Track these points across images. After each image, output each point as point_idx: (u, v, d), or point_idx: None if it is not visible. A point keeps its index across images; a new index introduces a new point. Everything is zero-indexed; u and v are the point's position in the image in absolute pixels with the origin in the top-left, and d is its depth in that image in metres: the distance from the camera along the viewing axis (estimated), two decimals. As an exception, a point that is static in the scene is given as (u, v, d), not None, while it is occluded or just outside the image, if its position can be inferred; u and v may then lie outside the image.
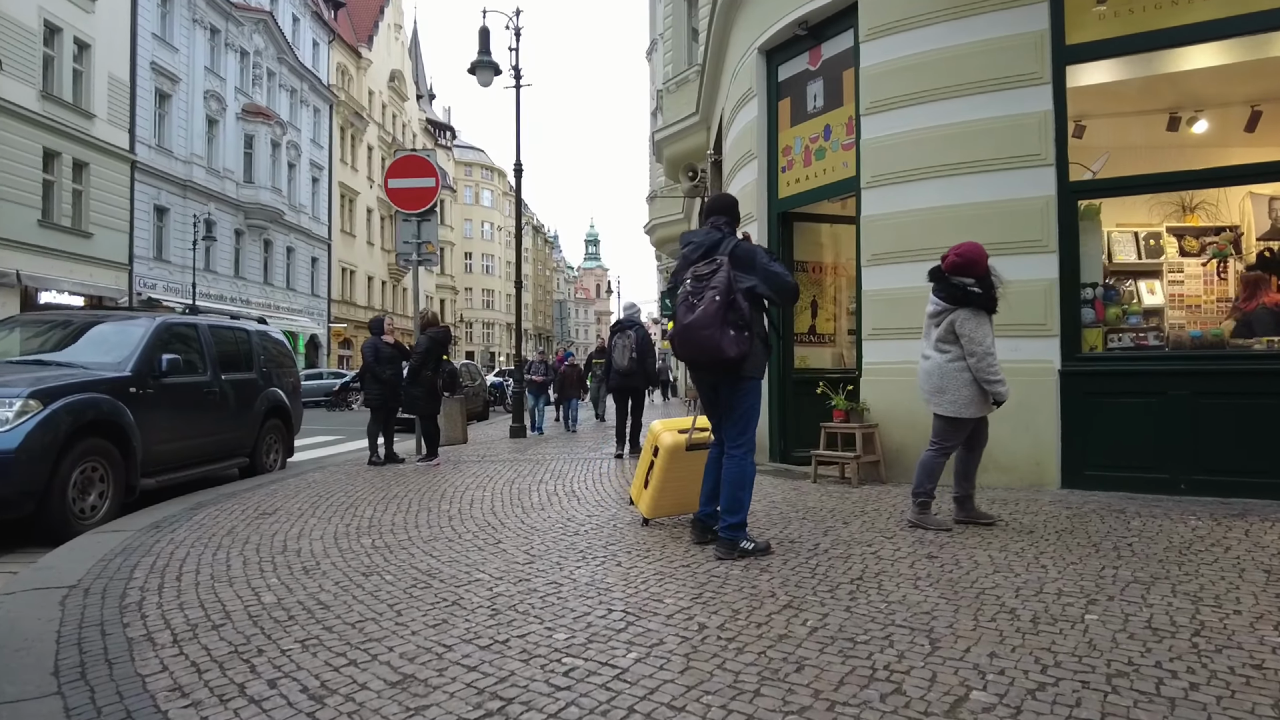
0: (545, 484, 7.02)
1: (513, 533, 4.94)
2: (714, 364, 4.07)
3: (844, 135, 7.41)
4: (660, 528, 5.00)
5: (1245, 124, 7.60)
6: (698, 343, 4.00)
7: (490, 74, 12.94)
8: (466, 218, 65.82)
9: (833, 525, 4.96)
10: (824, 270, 8.58)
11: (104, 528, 5.42)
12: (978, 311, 4.80)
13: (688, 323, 3.99)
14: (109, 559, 4.42)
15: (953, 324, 4.83)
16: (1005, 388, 4.81)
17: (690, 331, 4.00)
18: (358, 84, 43.73)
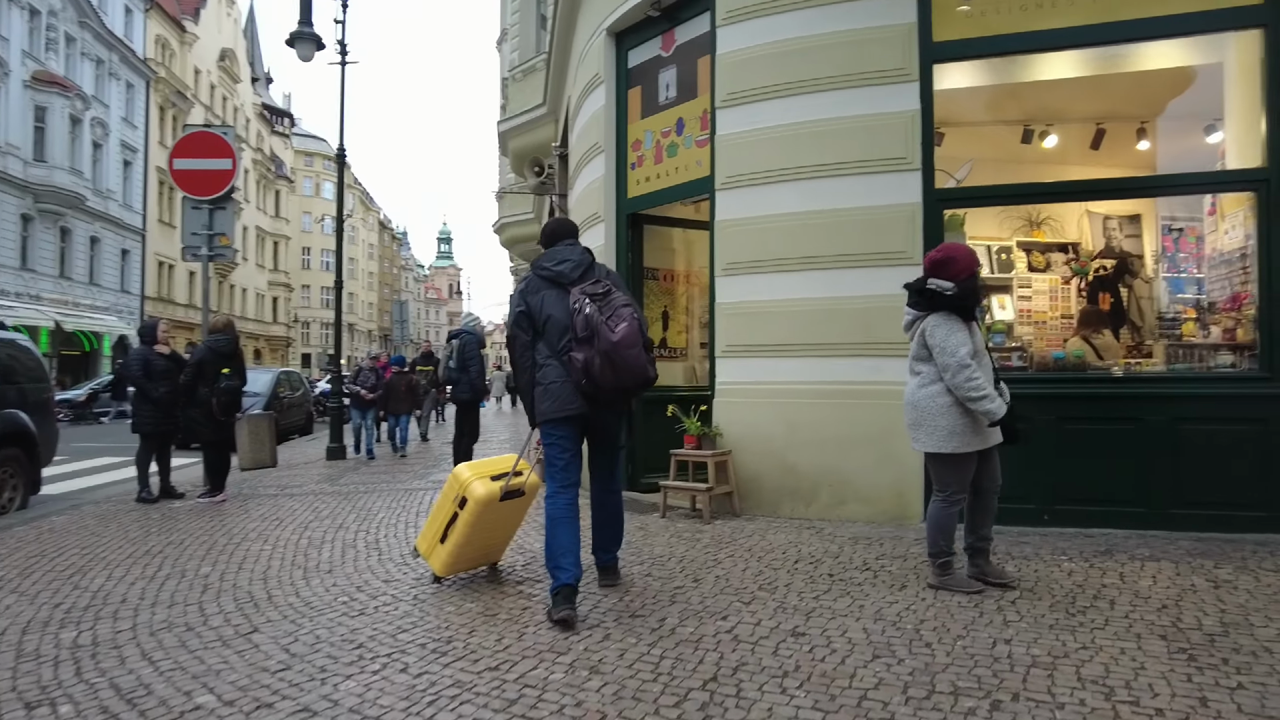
0: (345, 530, 5.85)
1: (278, 614, 3.81)
2: (639, 385, 3.81)
3: (698, 130, 6.70)
4: (467, 597, 4.02)
5: (1091, 141, 7.56)
6: (628, 364, 3.68)
7: (311, 47, 11.45)
8: (305, 210, 61.39)
9: (683, 585, 4.15)
10: (676, 279, 7.87)
11: None
12: (949, 316, 3.98)
13: (617, 341, 3.63)
14: None
15: (923, 334, 4.06)
16: (994, 404, 3.86)
17: (620, 351, 3.64)
18: (181, 60, 39.63)
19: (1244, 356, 5.47)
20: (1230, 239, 6.04)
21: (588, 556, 4.12)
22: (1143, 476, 5.29)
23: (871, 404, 5.72)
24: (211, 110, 42.84)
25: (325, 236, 64.14)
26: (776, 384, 6.00)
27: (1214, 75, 6.36)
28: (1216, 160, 6.49)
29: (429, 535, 4.29)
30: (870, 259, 5.80)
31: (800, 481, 5.87)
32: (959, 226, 6.30)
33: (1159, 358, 6.14)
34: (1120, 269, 7.57)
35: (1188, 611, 3.59)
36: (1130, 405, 5.40)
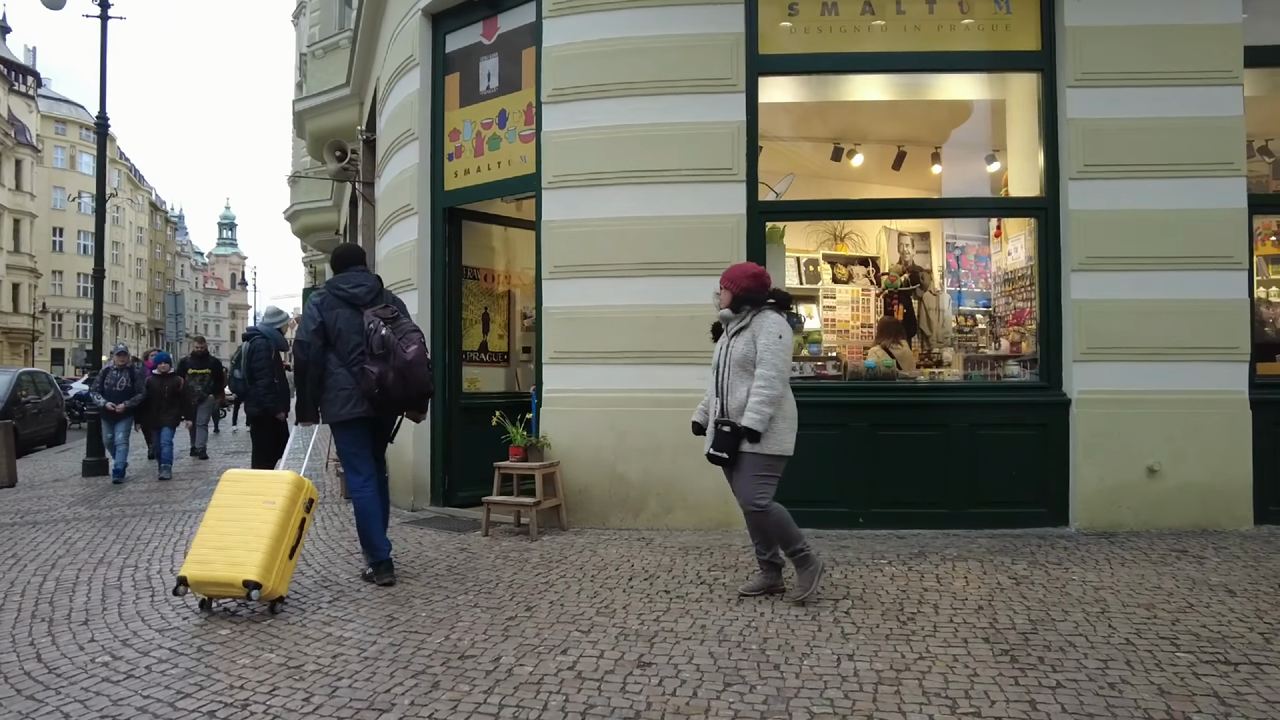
0: (107, 565, 4.96)
1: (9, 685, 3.07)
2: (422, 397, 4.57)
3: (523, 124, 6.38)
4: (264, 644, 3.48)
5: (893, 162, 8.07)
6: (417, 379, 4.39)
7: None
8: (56, 184, 53.49)
9: (515, 615, 3.83)
10: (496, 279, 7.49)
11: None
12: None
13: (410, 361, 4.31)
14: None
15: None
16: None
17: (411, 369, 4.33)
18: (-118, -5, 33.10)
19: (1028, 367, 6.01)
20: (1013, 259, 6.63)
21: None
22: (944, 479, 5.65)
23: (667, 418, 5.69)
24: (-72, 60, 36.23)
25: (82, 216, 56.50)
26: (606, 392, 5.83)
27: (998, 110, 6.97)
28: (998, 187, 7.12)
29: (274, 557, 3.81)
30: (697, 267, 5.75)
31: (629, 491, 5.73)
32: (779, 239, 6.46)
33: (957, 367, 6.62)
34: (913, 282, 8.17)
35: (1000, 611, 3.80)
36: (935, 412, 5.76)
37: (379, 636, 3.55)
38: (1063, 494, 5.65)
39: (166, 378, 9.57)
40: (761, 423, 3.81)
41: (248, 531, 3.89)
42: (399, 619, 3.80)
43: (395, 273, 7.22)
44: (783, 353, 3.88)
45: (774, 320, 3.95)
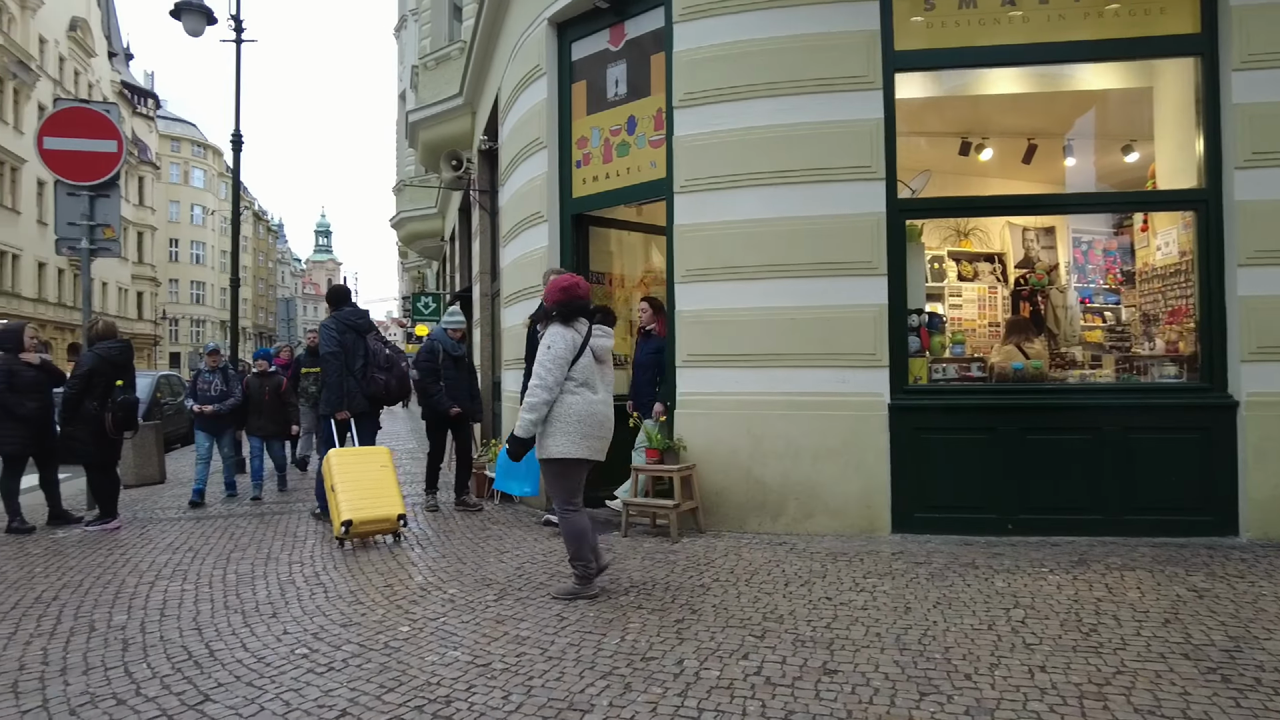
0: (276, 561, 5.23)
1: (229, 675, 3.27)
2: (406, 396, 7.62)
3: (652, 130, 6.43)
4: (447, 642, 3.60)
5: (1023, 155, 7.78)
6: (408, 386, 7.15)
7: (201, 21, 10.44)
8: (173, 199, 56.90)
9: (683, 618, 3.85)
10: (618, 283, 7.57)
11: None
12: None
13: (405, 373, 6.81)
14: None
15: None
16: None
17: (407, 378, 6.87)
18: (22, 26, 35.82)
19: (1186, 368, 5.70)
20: (1164, 255, 6.30)
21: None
22: (1098, 484, 5.42)
23: (838, 415, 5.63)
24: (62, 85, 39.01)
25: (195, 228, 60.01)
26: (741, 395, 5.81)
27: (1140, 99, 6.63)
28: (1139, 178, 6.79)
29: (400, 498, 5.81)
30: (834, 268, 5.70)
31: (767, 495, 5.70)
32: (918, 237, 6.30)
33: (1108, 369, 6.34)
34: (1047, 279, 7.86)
35: (1191, 626, 3.62)
36: (1086, 415, 5.52)
37: (555, 636, 3.63)
38: (1230, 501, 5.33)
39: (266, 377, 8.18)
40: (523, 429, 4.15)
41: (378, 486, 5.73)
42: (569, 618, 3.88)
43: (523, 279, 7.38)
44: (549, 363, 4.12)
45: (550, 333, 4.21)
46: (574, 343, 4.19)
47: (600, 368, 4.31)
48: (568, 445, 4.13)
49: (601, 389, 4.29)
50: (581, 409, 4.17)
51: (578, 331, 4.23)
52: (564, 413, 4.15)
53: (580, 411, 4.16)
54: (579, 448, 4.14)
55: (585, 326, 4.27)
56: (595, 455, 4.24)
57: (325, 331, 6.53)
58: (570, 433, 4.14)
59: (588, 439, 4.17)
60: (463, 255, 13.81)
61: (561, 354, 4.15)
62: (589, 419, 4.17)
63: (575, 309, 4.25)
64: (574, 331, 4.22)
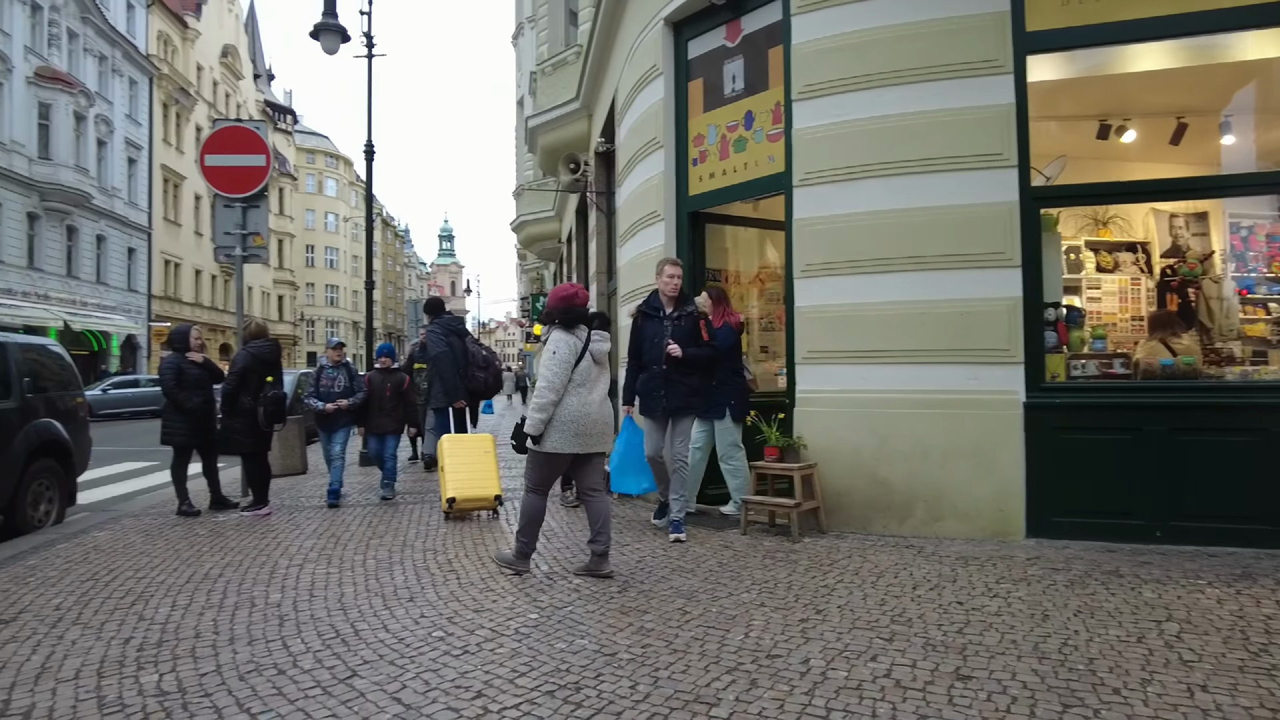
0: (411, 549, 5.51)
1: (372, 653, 3.48)
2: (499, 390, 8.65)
3: (770, 124, 6.37)
4: (574, 631, 3.69)
5: (1171, 136, 7.23)
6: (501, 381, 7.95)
7: (337, 40, 11.10)
8: (308, 208, 60.89)
9: (807, 618, 3.81)
10: (735, 279, 7.54)
11: None
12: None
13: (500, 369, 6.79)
14: None
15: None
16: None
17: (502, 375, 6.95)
18: (184, 57, 39.19)
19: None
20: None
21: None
22: (1264, 491, 4.97)
23: (969, 413, 5.41)
24: (215, 107, 42.42)
25: (329, 234, 63.76)
26: (864, 392, 5.68)
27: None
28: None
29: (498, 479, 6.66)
30: (964, 260, 5.48)
31: (893, 496, 5.55)
32: (1053, 226, 5.98)
33: (1276, 364, 5.82)
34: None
35: (1381, 649, 3.28)
36: (1249, 415, 5.08)
37: (679, 629, 3.66)
38: None
39: (388, 373, 7.84)
40: (534, 426, 4.51)
41: (480, 468, 6.58)
42: (692, 613, 3.90)
43: (640, 278, 7.47)
44: (555, 366, 4.48)
45: (554, 338, 4.58)
46: (575, 348, 4.56)
47: (599, 370, 4.68)
48: (560, 442, 4.52)
49: (597, 390, 4.65)
50: (576, 409, 4.53)
51: (578, 337, 4.59)
52: (560, 413, 4.52)
53: (575, 412, 4.53)
54: (570, 444, 4.53)
55: (585, 333, 4.64)
56: (584, 450, 4.60)
57: (433, 335, 7.69)
58: (564, 431, 4.51)
59: (579, 436, 4.54)
60: (579, 256, 14.10)
61: (565, 358, 4.53)
62: (582, 419, 4.54)
63: (576, 316, 4.63)
64: (575, 337, 4.58)
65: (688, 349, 5.51)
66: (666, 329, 5.59)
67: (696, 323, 5.63)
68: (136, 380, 26.35)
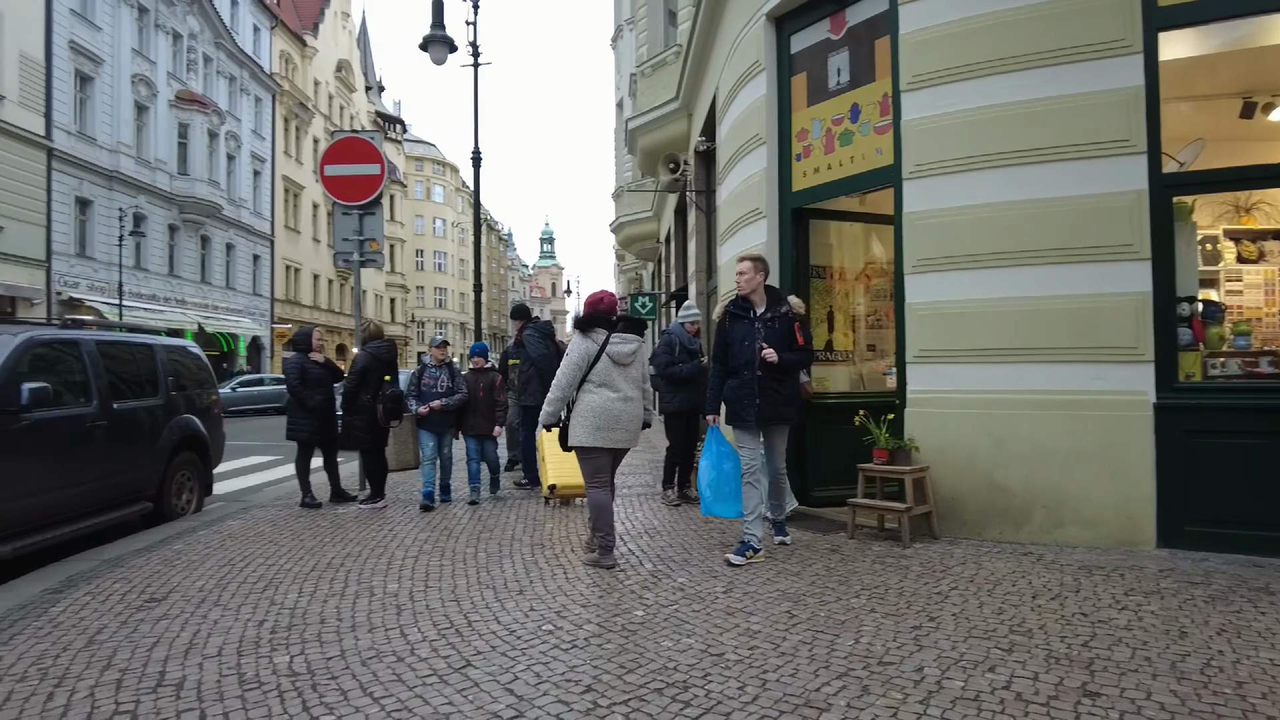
0: (519, 543, 5.66)
1: (485, 644, 3.59)
2: None
3: (877, 116, 6.20)
4: (680, 630, 3.70)
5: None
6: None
7: (444, 50, 11.50)
8: (418, 214, 63.45)
9: (920, 625, 3.70)
10: (839, 275, 7.37)
11: (-86, 633, 3.93)
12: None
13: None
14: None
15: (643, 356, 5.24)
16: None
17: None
18: (302, 73, 41.51)
19: None
20: None
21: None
22: None
23: (1093, 415, 5.12)
24: (330, 119, 44.70)
25: (437, 239, 66.17)
26: (979, 393, 5.46)
27: None
28: None
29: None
30: (1088, 253, 5.19)
31: (1010, 501, 5.31)
32: (1187, 215, 5.59)
33: None
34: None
35: None
36: None
37: (787, 632, 3.62)
38: None
39: (481, 373, 7.58)
40: (545, 418, 5.07)
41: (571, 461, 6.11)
42: (799, 616, 3.85)
43: (742, 275, 7.41)
44: (565, 368, 4.94)
45: (572, 343, 5.03)
46: (588, 351, 4.92)
47: (622, 370, 4.96)
48: (584, 436, 4.88)
49: (623, 388, 4.94)
50: (597, 405, 4.87)
51: (594, 341, 4.95)
52: (582, 409, 4.89)
53: (596, 408, 4.86)
54: (594, 438, 4.86)
55: (602, 336, 4.95)
56: (611, 444, 4.91)
57: (532, 338, 7.97)
58: (587, 425, 4.86)
59: (602, 431, 4.86)
60: (678, 255, 14.13)
61: (575, 360, 4.91)
62: (604, 414, 4.86)
63: (594, 321, 5.00)
64: (590, 341, 4.95)
65: (784, 354, 5.02)
66: (758, 331, 5.08)
67: (792, 325, 5.14)
68: (261, 379, 28.08)
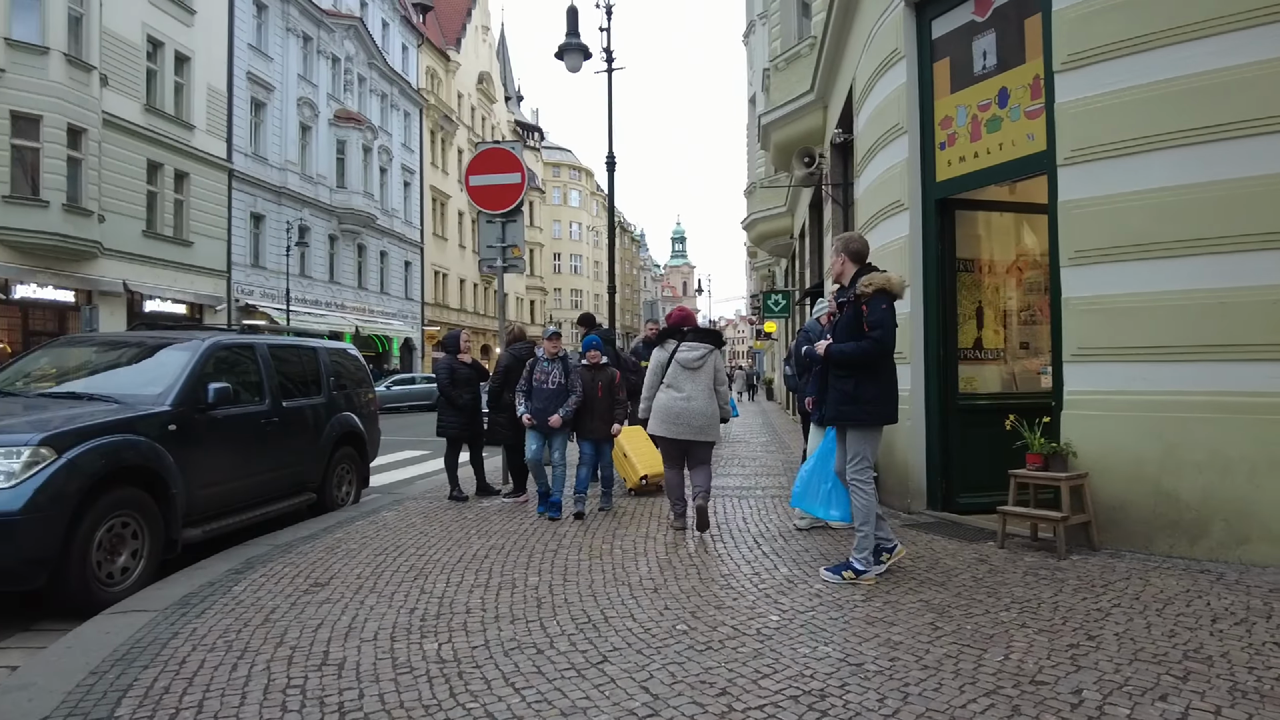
0: (654, 540, 5.71)
1: (621, 640, 3.65)
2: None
3: (1028, 100, 5.82)
4: (816, 637, 3.61)
5: None
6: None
7: (579, 58, 11.77)
8: (555, 218, 65.45)
9: (1077, 643, 3.44)
10: (988, 269, 6.98)
11: (125, 605, 4.43)
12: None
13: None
14: (102, 671, 3.37)
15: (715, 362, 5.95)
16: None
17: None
18: (447, 87, 43.69)
19: None
20: None
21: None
22: None
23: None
24: (472, 130, 46.80)
25: (573, 242, 68.00)
26: (1148, 394, 5.01)
27: None
28: None
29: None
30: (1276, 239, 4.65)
31: (1183, 513, 4.85)
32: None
33: None
34: None
35: None
36: None
37: (930, 645, 3.47)
38: None
39: (598, 370, 6.88)
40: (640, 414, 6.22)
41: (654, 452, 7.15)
42: (944, 629, 3.68)
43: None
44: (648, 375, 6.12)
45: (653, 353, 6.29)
46: (659, 360, 5.98)
47: (688, 373, 5.83)
48: (654, 426, 5.93)
49: (686, 389, 5.81)
50: (664, 402, 5.87)
51: (665, 349, 5.99)
52: (654, 405, 5.93)
53: (663, 404, 5.87)
54: (659, 429, 5.89)
55: (674, 345, 5.95)
56: (672, 435, 5.82)
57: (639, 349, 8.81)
58: (657, 418, 5.90)
59: (665, 423, 5.83)
60: (813, 251, 13.84)
61: (653, 367, 6.04)
62: (667, 409, 5.83)
63: (667, 334, 6.08)
64: (663, 350, 6.01)
65: (833, 346, 4.62)
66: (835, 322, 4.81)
67: (859, 309, 4.50)
68: (413, 378, 29.83)
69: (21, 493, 4.35)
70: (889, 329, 4.42)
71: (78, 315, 19.55)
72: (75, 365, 6.35)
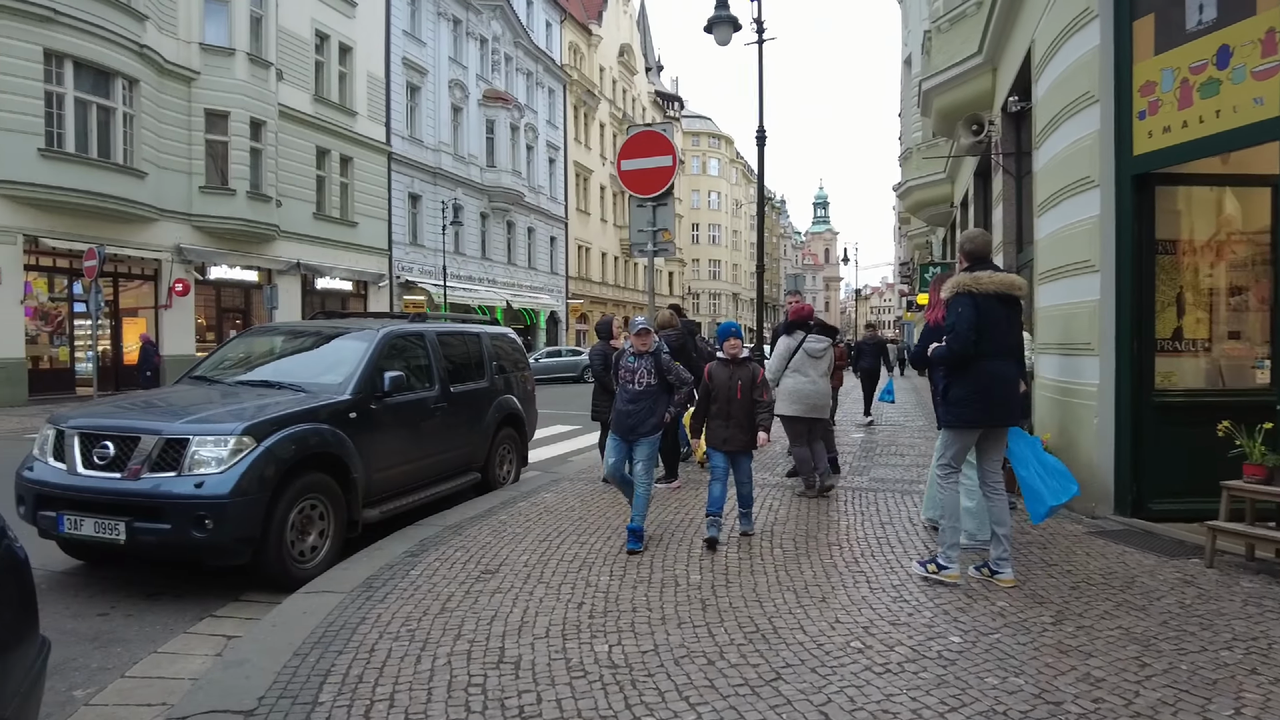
0: (815, 540, 5.55)
1: (793, 655, 3.54)
2: None
3: (1256, 58, 5.09)
4: (1004, 665, 3.36)
5: None
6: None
7: (729, 30, 11.48)
8: (694, 188, 65.06)
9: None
10: (1191, 251, 6.26)
11: (316, 584, 4.77)
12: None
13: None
14: (303, 653, 3.63)
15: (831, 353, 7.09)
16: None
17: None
18: (589, 61, 44.10)
19: None
20: None
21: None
22: None
23: None
24: (614, 104, 47.11)
25: (712, 212, 67.52)
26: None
27: None
28: None
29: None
30: None
31: None
32: None
33: None
34: None
35: None
36: None
37: (1140, 686, 3.15)
38: None
39: (738, 365, 5.56)
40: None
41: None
42: (1153, 666, 3.34)
43: (1064, 254, 6.59)
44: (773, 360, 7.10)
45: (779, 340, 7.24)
46: (789, 346, 6.91)
47: (813, 361, 6.85)
48: (784, 407, 6.73)
49: (811, 374, 6.84)
50: (792, 386, 6.83)
51: (794, 339, 6.92)
52: (784, 389, 6.81)
53: (791, 388, 6.83)
54: (796, 409, 6.79)
55: (801, 335, 6.92)
56: (802, 414, 6.77)
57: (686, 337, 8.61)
58: (786, 400, 6.78)
59: (794, 404, 6.78)
60: (977, 222, 12.98)
61: (780, 352, 6.95)
62: (796, 392, 6.80)
63: (795, 325, 7.04)
64: (790, 339, 6.94)
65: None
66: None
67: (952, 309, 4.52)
68: (560, 350, 30.67)
69: (229, 478, 4.76)
70: (960, 333, 4.39)
71: (260, 293, 21.35)
72: (263, 353, 6.89)
